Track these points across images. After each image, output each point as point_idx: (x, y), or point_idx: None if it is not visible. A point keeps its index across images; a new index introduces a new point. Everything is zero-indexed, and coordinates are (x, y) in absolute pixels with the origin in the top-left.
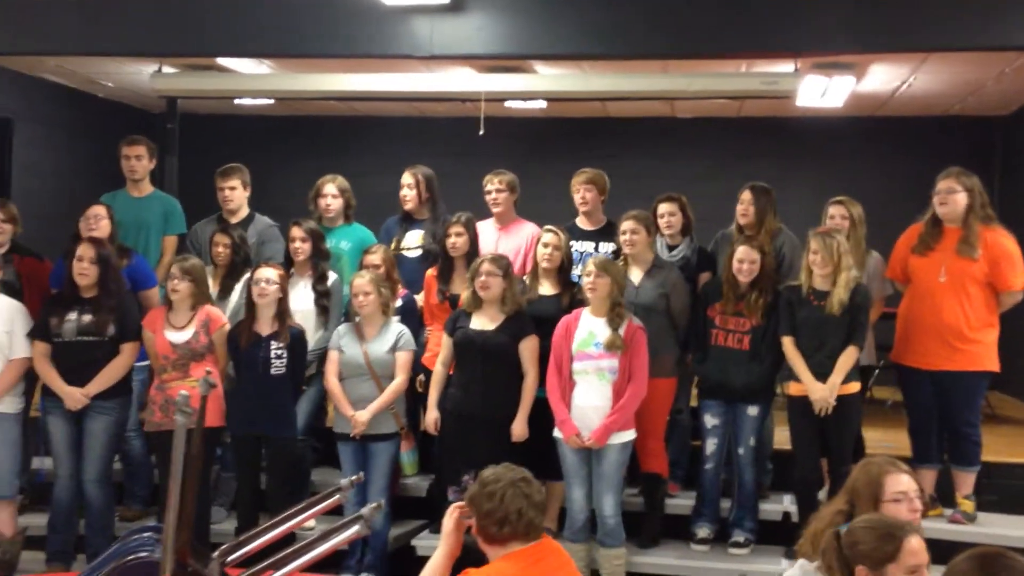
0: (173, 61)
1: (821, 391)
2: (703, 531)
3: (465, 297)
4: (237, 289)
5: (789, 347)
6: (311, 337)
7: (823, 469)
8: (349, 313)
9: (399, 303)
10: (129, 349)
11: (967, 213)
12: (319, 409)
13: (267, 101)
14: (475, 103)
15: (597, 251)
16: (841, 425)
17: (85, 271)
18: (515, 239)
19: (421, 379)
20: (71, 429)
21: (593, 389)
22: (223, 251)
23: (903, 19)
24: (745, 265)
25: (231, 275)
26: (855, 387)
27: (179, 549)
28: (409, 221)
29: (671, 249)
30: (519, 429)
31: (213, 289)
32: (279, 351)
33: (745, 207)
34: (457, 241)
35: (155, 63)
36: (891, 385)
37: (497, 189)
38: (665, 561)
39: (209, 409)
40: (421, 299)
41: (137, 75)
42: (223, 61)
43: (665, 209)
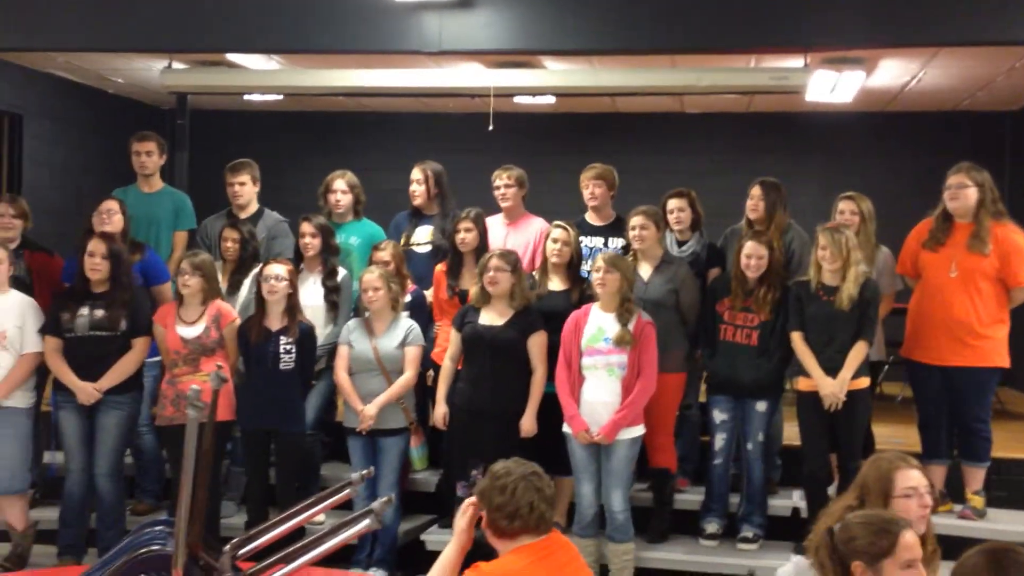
0: (183, 57)
1: (831, 386)
2: (712, 526)
3: (474, 292)
4: (246, 284)
5: (798, 342)
6: (320, 332)
7: (832, 465)
8: (359, 308)
9: (408, 298)
10: (141, 344)
11: (978, 208)
12: (328, 404)
13: (276, 97)
14: (484, 99)
15: (606, 246)
16: (850, 420)
17: (97, 266)
18: (524, 234)
19: (431, 374)
20: (83, 423)
21: (602, 384)
22: (232, 246)
23: (913, 14)
24: (753, 261)
25: (240, 270)
26: (865, 382)
27: (191, 542)
28: (418, 217)
29: (680, 245)
30: (528, 424)
31: (222, 284)
32: (288, 346)
33: (755, 202)
34: (466, 237)
35: (165, 59)
36: (901, 381)
37: (506, 184)
38: (674, 556)
39: (220, 403)
40: (431, 295)
41: (147, 71)
42: (232, 57)
43: (674, 205)
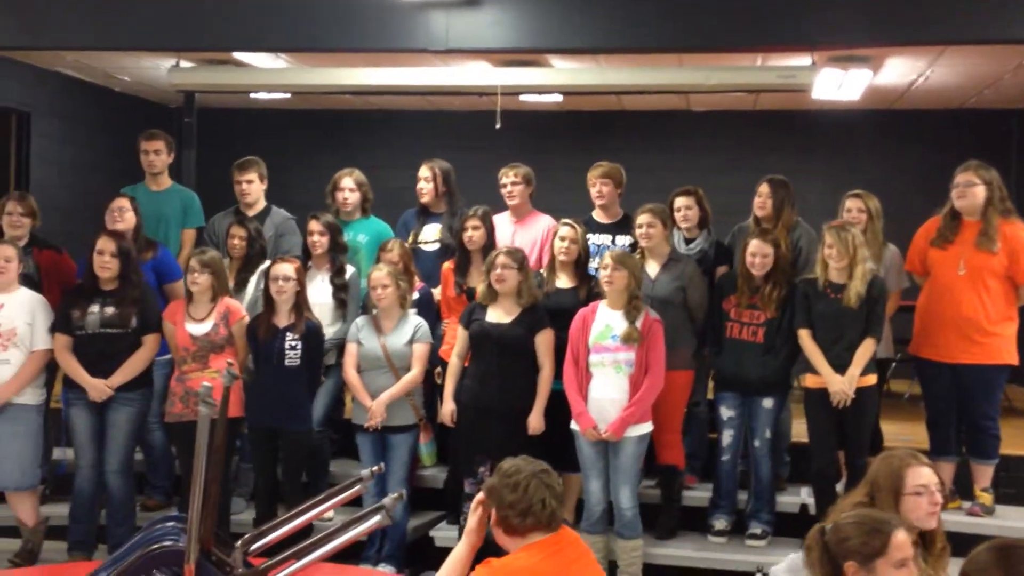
0: (190, 56)
1: (840, 383)
2: (720, 523)
3: (481, 290)
4: (252, 282)
5: (806, 340)
6: (328, 330)
7: (840, 461)
8: (366, 306)
9: (416, 296)
10: (151, 341)
11: (986, 206)
12: (337, 401)
13: (283, 95)
14: (490, 97)
15: (614, 244)
16: (858, 417)
17: (107, 264)
18: (531, 232)
19: (439, 371)
20: (94, 420)
21: (610, 382)
22: (239, 244)
23: (920, 12)
24: (758, 259)
25: (246, 268)
26: (872, 379)
27: (203, 538)
28: (426, 214)
29: (688, 242)
30: (535, 422)
31: (229, 282)
32: (294, 342)
33: (763, 200)
34: (474, 234)
35: (172, 58)
36: (908, 378)
37: (512, 182)
38: (682, 553)
39: (230, 400)
40: (438, 292)
41: (154, 70)
42: (240, 55)
43: (682, 203)
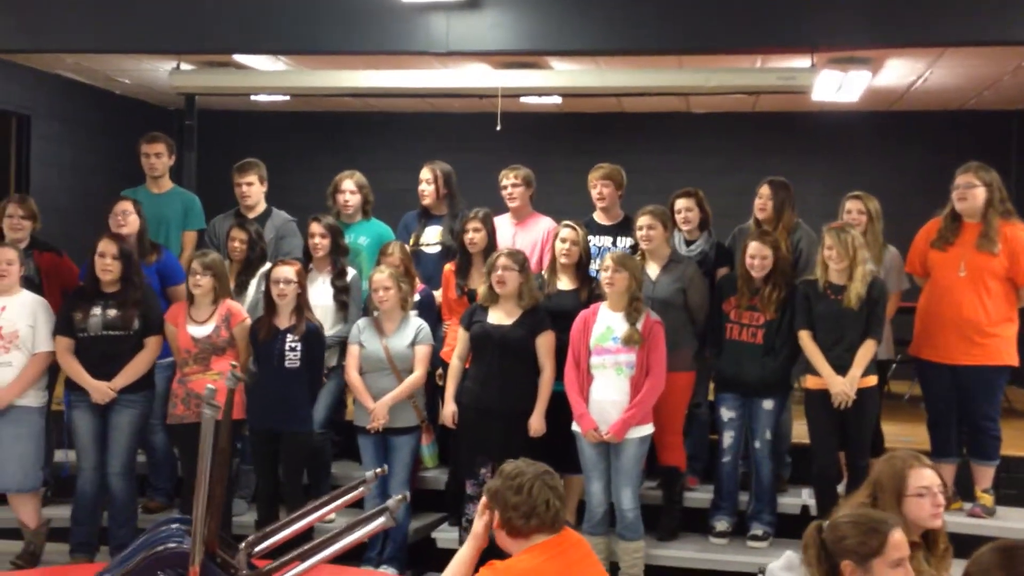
0: (190, 58)
1: (841, 384)
2: (721, 524)
3: (482, 292)
4: (253, 284)
5: (807, 341)
6: (329, 330)
7: (841, 463)
8: (367, 308)
9: (417, 298)
10: (153, 343)
11: (986, 208)
12: (338, 403)
13: (283, 97)
14: (490, 99)
15: (615, 246)
16: (859, 418)
17: (108, 267)
18: (531, 234)
19: (440, 373)
20: (96, 422)
21: (611, 383)
22: (239, 247)
23: (920, 13)
24: (757, 260)
25: (247, 271)
26: (873, 380)
27: (208, 540)
28: (427, 217)
29: (689, 244)
30: (537, 424)
31: (230, 284)
32: (294, 344)
33: (763, 202)
34: (475, 236)
35: (173, 60)
36: (908, 379)
37: (513, 184)
38: (684, 554)
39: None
40: (439, 294)
41: (154, 72)
42: (239, 58)
43: (682, 205)
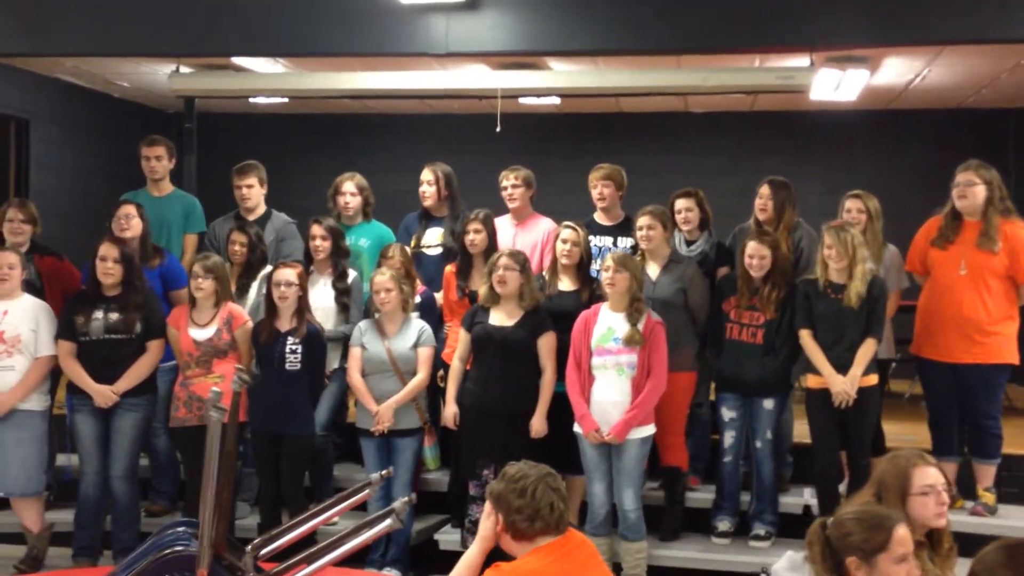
0: (189, 61)
1: (841, 383)
2: (723, 524)
3: (483, 292)
4: (254, 287)
5: (807, 340)
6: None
7: (843, 462)
8: (368, 310)
9: (418, 299)
10: (155, 346)
11: (986, 206)
12: (340, 405)
13: (281, 99)
14: (489, 100)
15: (615, 246)
16: (860, 417)
17: (109, 270)
18: (532, 234)
19: (441, 374)
20: (99, 426)
21: (612, 384)
22: (239, 250)
23: (919, 12)
24: (755, 261)
25: (247, 273)
26: (873, 379)
27: (215, 542)
28: (428, 218)
29: (689, 244)
30: (538, 425)
31: (231, 287)
32: (294, 346)
33: (764, 202)
34: (476, 238)
35: (171, 63)
36: (908, 378)
37: (513, 185)
38: (686, 554)
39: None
40: (440, 296)
41: (152, 75)
42: (238, 60)
43: (682, 205)
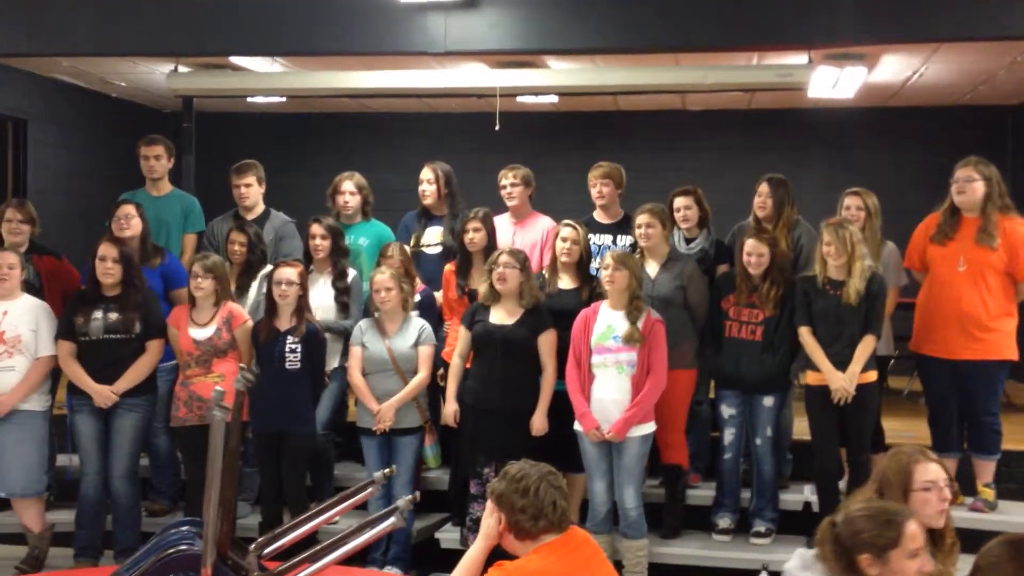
0: (187, 61)
1: (841, 380)
2: (724, 521)
3: (483, 291)
4: (254, 287)
5: (807, 337)
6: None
7: (843, 459)
8: (368, 309)
9: (417, 298)
10: (155, 346)
11: (985, 202)
12: (341, 404)
13: (280, 99)
14: (487, 99)
15: (615, 244)
16: (859, 414)
17: (109, 270)
18: (531, 233)
19: (441, 373)
20: (99, 426)
21: (612, 382)
22: (239, 249)
23: (917, 9)
24: (753, 258)
25: (247, 273)
26: (873, 376)
27: (220, 542)
28: (428, 217)
29: (689, 242)
30: (540, 423)
31: (231, 286)
32: (294, 345)
33: (763, 199)
34: (475, 236)
35: (169, 63)
36: (907, 375)
37: (512, 183)
38: (687, 552)
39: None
40: (440, 295)
41: (150, 75)
42: (237, 59)
43: (681, 203)
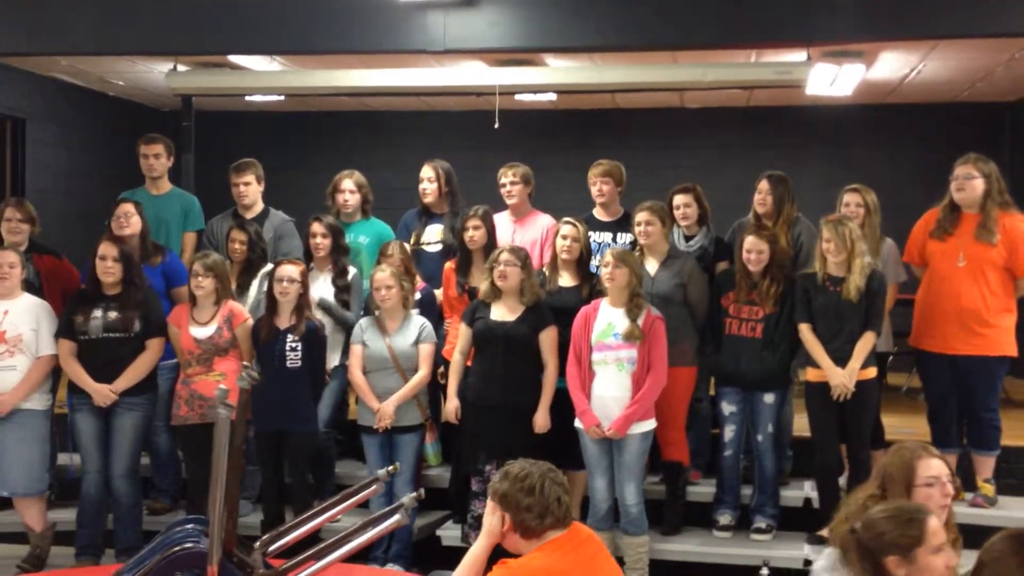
0: (186, 59)
1: (840, 376)
2: (725, 518)
3: (484, 288)
4: (254, 285)
5: (807, 334)
6: (330, 332)
7: (843, 455)
8: (368, 307)
9: (418, 296)
10: (155, 345)
11: (984, 198)
12: (341, 402)
13: (279, 97)
14: (486, 97)
15: (615, 242)
16: (859, 410)
17: (109, 269)
18: (531, 231)
19: (442, 371)
20: (99, 425)
21: (612, 379)
22: (239, 248)
23: (913, 6)
24: (753, 255)
25: (247, 271)
26: (872, 372)
27: (225, 539)
28: (428, 215)
29: (688, 239)
30: (541, 420)
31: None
32: (294, 344)
33: (763, 196)
34: (475, 234)
35: (168, 62)
36: (906, 371)
37: (511, 181)
38: (688, 548)
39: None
40: (441, 293)
41: (148, 74)
42: (236, 58)
43: (680, 200)
